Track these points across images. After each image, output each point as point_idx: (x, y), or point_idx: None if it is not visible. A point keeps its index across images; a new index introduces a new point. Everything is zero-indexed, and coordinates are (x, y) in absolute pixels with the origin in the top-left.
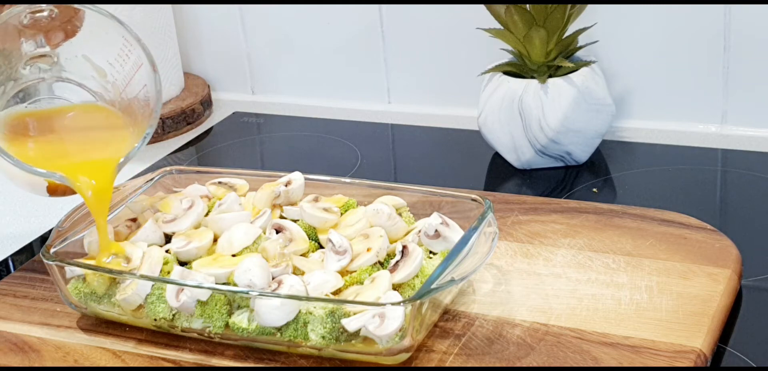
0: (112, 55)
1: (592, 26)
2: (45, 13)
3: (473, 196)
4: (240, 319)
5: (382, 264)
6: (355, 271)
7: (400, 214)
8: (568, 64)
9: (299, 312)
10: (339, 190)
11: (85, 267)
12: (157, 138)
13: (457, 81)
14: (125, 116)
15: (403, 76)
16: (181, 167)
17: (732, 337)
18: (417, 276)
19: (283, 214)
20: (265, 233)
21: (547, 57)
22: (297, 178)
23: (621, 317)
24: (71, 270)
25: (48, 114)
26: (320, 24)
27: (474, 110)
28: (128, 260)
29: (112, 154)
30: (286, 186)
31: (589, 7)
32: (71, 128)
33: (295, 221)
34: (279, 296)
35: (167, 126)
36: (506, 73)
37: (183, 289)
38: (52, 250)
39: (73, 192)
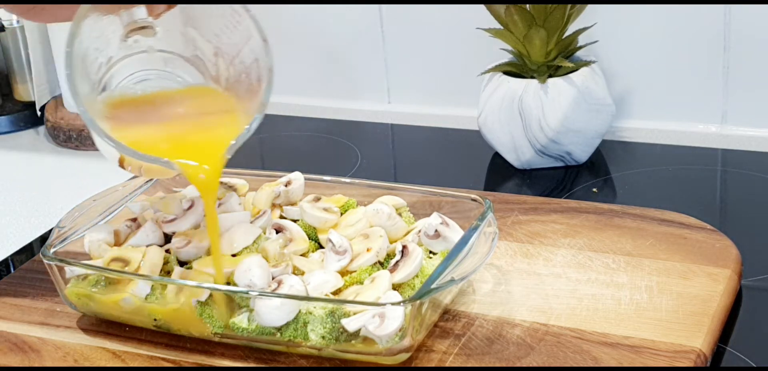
0: (218, 27)
1: (592, 26)
2: None
3: (473, 196)
4: (240, 319)
5: (382, 264)
6: (355, 271)
7: (400, 214)
8: (568, 64)
9: (299, 312)
10: (339, 190)
11: (85, 267)
12: None
13: (457, 81)
14: (231, 95)
15: (403, 76)
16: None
17: (732, 337)
18: (417, 276)
19: (283, 214)
20: (265, 233)
21: (547, 57)
22: (297, 177)
23: (621, 317)
24: (71, 270)
25: (151, 97)
26: (320, 24)
27: (474, 110)
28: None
29: (220, 137)
30: (286, 186)
31: (589, 7)
32: (176, 112)
33: (295, 221)
34: (279, 296)
35: None
36: (506, 73)
37: (183, 289)
38: (52, 250)
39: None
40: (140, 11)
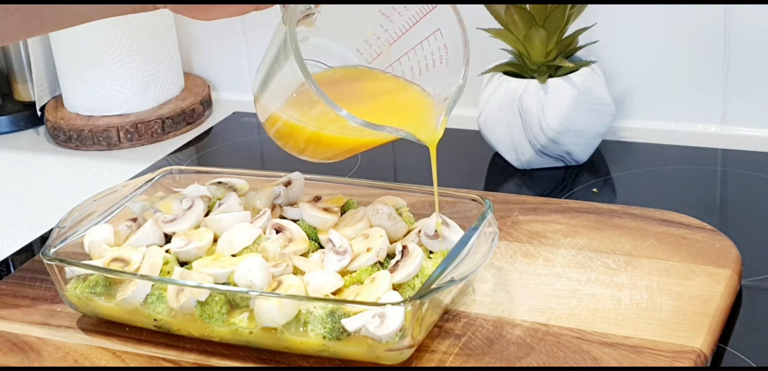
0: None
1: (592, 26)
2: None
3: (473, 196)
4: (240, 319)
5: (382, 264)
6: (355, 271)
7: (400, 214)
8: (568, 64)
9: (299, 312)
10: (339, 190)
11: (86, 267)
12: (157, 138)
13: None
14: (409, 75)
15: None
16: (181, 167)
17: (732, 337)
18: (417, 276)
19: (283, 214)
20: (265, 233)
21: (547, 57)
22: (297, 178)
23: (621, 317)
24: (71, 270)
25: (342, 75)
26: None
27: (474, 110)
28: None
29: (422, 110)
30: (286, 186)
31: (589, 7)
32: (370, 89)
33: (295, 221)
34: (279, 296)
35: (167, 126)
36: (506, 73)
37: (183, 289)
38: (52, 250)
39: (334, 156)
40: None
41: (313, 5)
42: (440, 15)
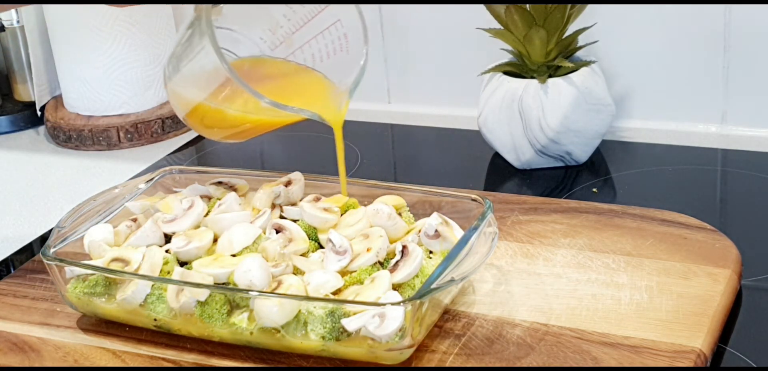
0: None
1: (592, 26)
2: None
3: (473, 196)
4: (240, 319)
5: (382, 264)
6: (355, 271)
7: (400, 214)
8: (568, 64)
9: (299, 312)
10: (339, 190)
11: (86, 267)
12: (157, 138)
13: (457, 81)
14: (312, 62)
15: (403, 76)
16: (181, 167)
17: (732, 337)
18: (417, 276)
19: (283, 214)
20: (265, 233)
21: (547, 57)
22: (297, 178)
23: (621, 317)
24: (71, 270)
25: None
26: None
27: (474, 110)
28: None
29: (325, 92)
30: (286, 186)
31: (589, 7)
32: (277, 75)
33: (295, 221)
34: (279, 296)
35: (167, 126)
36: (506, 73)
37: (183, 289)
38: (52, 250)
39: (245, 136)
40: None
41: None
42: (340, 6)
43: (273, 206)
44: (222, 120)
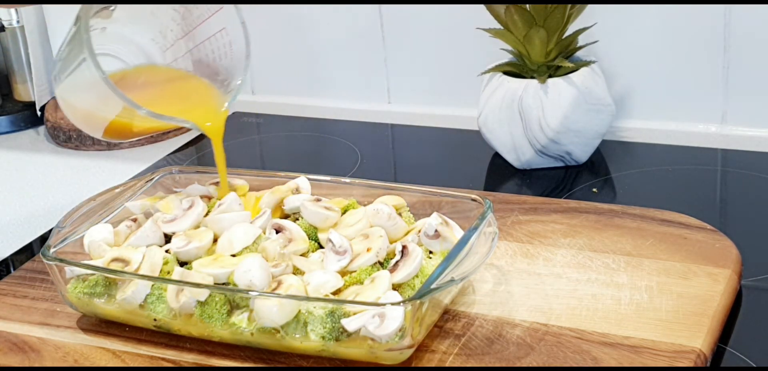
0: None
1: (592, 26)
2: None
3: (473, 196)
4: (240, 319)
5: (382, 264)
6: (355, 271)
7: (400, 214)
8: (568, 64)
9: (299, 312)
10: (339, 191)
11: (85, 267)
12: (157, 138)
13: (457, 81)
14: (198, 68)
15: (403, 76)
16: (181, 167)
17: (732, 337)
18: (417, 276)
19: (284, 207)
20: (265, 233)
21: (547, 57)
22: (304, 184)
23: (621, 317)
24: (71, 270)
25: (130, 73)
26: (320, 24)
27: (474, 110)
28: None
29: (208, 101)
30: (294, 193)
31: (589, 7)
32: (163, 81)
33: (295, 214)
34: (279, 296)
35: None
36: (506, 73)
37: (183, 289)
38: (52, 250)
39: (130, 138)
40: None
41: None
42: (226, 15)
43: (275, 207)
44: (106, 124)
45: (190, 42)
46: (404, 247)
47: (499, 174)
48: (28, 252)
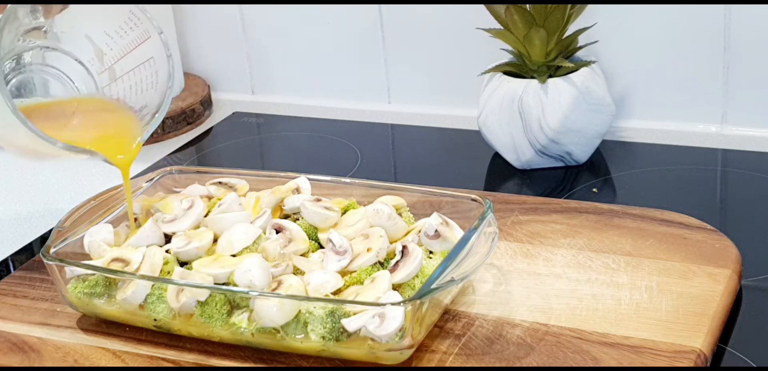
0: (113, 27)
1: (592, 26)
2: None
3: (473, 196)
4: (240, 319)
5: (382, 264)
6: (355, 271)
7: (400, 214)
8: (568, 64)
9: (299, 312)
10: (339, 191)
11: (85, 267)
12: (157, 138)
13: (457, 81)
14: (129, 94)
15: (403, 76)
16: (181, 167)
17: (732, 337)
18: (417, 276)
19: (284, 207)
20: (265, 233)
21: (547, 57)
22: (304, 184)
23: (621, 317)
24: (71, 270)
25: (54, 104)
26: (320, 24)
27: (474, 110)
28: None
29: (126, 133)
30: (294, 194)
31: (589, 7)
32: (83, 112)
33: (295, 214)
34: (279, 296)
35: (167, 126)
36: (506, 73)
37: (183, 289)
38: (52, 250)
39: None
40: (37, 12)
41: (43, 18)
42: (153, 46)
43: (275, 207)
44: (34, 153)
45: (120, 69)
46: (404, 247)
47: (499, 174)
48: (28, 252)
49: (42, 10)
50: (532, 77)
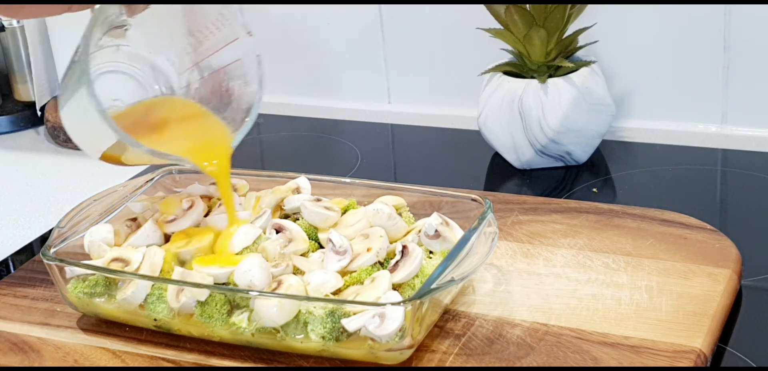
0: (200, 26)
1: (592, 26)
2: None
3: (473, 196)
4: (240, 319)
5: (382, 264)
6: (355, 271)
7: (400, 214)
8: (568, 64)
9: (299, 312)
10: (339, 191)
11: (85, 267)
12: None
13: (457, 81)
14: (212, 97)
15: (403, 76)
16: (181, 167)
17: (732, 337)
18: (417, 276)
19: (283, 206)
20: (265, 233)
21: (547, 57)
22: (304, 184)
23: (621, 317)
24: (71, 270)
25: (137, 108)
26: (320, 24)
27: (474, 110)
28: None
29: (219, 136)
30: (294, 193)
31: (589, 7)
32: (173, 118)
33: (295, 214)
34: (279, 296)
35: None
36: (506, 73)
37: (183, 289)
38: (52, 250)
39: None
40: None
41: (126, 17)
42: (243, 47)
43: (275, 208)
44: (112, 156)
45: (205, 69)
46: (404, 247)
47: (499, 174)
48: (28, 252)
49: (125, 9)
50: (532, 77)
